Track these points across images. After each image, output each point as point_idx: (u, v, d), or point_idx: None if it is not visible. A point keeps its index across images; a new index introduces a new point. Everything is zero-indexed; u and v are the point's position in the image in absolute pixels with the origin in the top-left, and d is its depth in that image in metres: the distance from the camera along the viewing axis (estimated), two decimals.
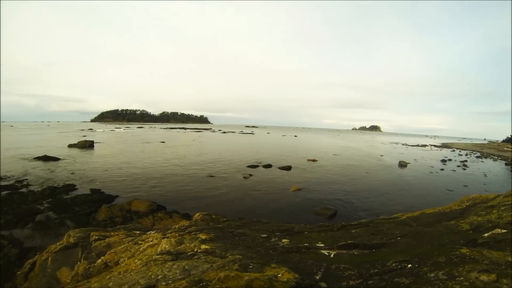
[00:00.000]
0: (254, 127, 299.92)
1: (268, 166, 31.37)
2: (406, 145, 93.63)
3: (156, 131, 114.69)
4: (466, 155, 63.63)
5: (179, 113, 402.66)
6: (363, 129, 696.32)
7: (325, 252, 4.36)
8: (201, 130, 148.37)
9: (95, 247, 5.67)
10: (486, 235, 4.38)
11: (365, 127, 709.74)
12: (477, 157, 60.88)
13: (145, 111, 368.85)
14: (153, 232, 6.66)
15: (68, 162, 30.29)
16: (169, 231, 5.97)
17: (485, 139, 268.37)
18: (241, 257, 3.65)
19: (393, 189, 23.21)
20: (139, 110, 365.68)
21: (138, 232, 6.74)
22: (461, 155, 62.86)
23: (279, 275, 2.89)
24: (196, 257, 3.92)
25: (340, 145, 76.26)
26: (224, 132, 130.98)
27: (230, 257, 3.72)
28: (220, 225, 6.29)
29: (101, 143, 53.69)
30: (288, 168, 30.74)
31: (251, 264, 3.32)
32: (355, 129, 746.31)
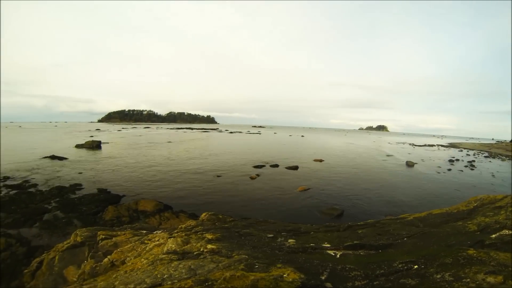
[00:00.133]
0: (261, 127, 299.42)
1: (275, 166, 31.41)
2: (413, 145, 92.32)
3: (162, 131, 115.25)
4: (473, 155, 62.50)
5: (186, 113, 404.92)
6: (370, 129, 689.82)
7: (331, 252, 4.36)
8: (208, 130, 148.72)
9: (102, 246, 5.72)
10: (493, 236, 4.33)
11: (372, 127, 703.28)
12: (485, 157, 59.76)
13: (152, 111, 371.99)
14: (160, 231, 6.71)
15: (75, 162, 30.70)
16: (175, 231, 6.03)
17: (493, 139, 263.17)
18: (247, 257, 3.67)
19: (400, 189, 22.96)
20: (146, 110, 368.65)
21: (144, 231, 6.79)
22: (469, 155, 61.78)
23: (284, 275, 2.91)
24: (202, 256, 3.95)
25: (346, 145, 75.62)
26: (231, 132, 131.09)
27: (236, 257, 3.74)
28: (226, 225, 6.33)
29: (108, 143, 54.26)
30: (295, 168, 30.69)
31: (257, 264, 3.34)
32: (362, 129, 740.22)
